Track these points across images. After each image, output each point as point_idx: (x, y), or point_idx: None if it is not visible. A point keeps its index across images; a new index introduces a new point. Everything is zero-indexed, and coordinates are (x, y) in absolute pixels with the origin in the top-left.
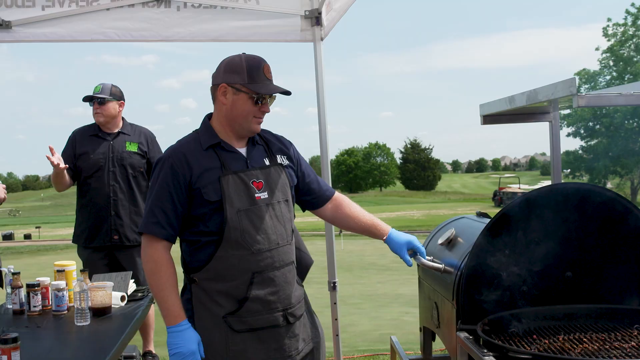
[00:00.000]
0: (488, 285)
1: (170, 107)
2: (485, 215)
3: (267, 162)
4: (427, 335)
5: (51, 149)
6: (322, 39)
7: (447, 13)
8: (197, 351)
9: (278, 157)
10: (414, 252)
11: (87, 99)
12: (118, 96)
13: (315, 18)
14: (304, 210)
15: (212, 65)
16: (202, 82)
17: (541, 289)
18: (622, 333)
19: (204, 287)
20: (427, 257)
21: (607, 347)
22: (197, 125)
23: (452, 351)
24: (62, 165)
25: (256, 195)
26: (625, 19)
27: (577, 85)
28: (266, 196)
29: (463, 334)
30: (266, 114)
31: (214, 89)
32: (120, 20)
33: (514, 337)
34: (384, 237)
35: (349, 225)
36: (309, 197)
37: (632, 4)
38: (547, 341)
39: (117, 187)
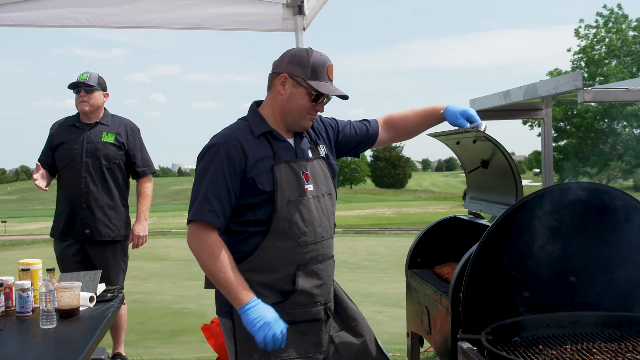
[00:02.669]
0: (489, 291)
1: (139, 101)
2: (478, 215)
3: (310, 155)
4: (415, 341)
5: (37, 166)
6: (304, 29)
7: (420, 12)
8: (279, 318)
9: (319, 148)
10: (469, 120)
11: (73, 86)
12: (104, 86)
13: (297, 7)
14: (366, 150)
15: (183, 60)
16: (173, 76)
17: (544, 295)
18: (633, 343)
19: (246, 278)
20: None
21: (620, 359)
22: (167, 120)
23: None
24: (44, 187)
25: (305, 186)
26: (597, 21)
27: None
28: (312, 188)
29: (466, 345)
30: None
31: (274, 76)
32: (91, 4)
33: (519, 347)
34: (442, 111)
35: (409, 125)
36: (365, 141)
37: (604, 6)
38: (554, 352)
39: (89, 179)
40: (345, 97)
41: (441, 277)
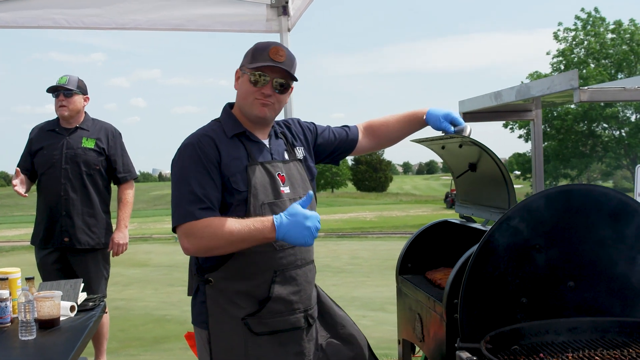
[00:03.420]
0: (486, 298)
1: (118, 106)
2: (470, 219)
3: (287, 157)
4: (407, 348)
5: (17, 172)
6: (289, 30)
7: (400, 16)
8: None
9: (296, 150)
10: (453, 123)
11: (52, 89)
12: (84, 90)
13: (282, 7)
14: (345, 157)
15: (163, 64)
16: (153, 80)
17: (542, 301)
18: (636, 350)
19: (220, 287)
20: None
21: None
22: (148, 125)
23: None
24: (24, 193)
25: (281, 188)
26: (576, 24)
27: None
28: (288, 191)
29: (465, 355)
30: (284, 103)
31: None
32: (70, 5)
33: (519, 356)
34: (424, 116)
35: (390, 131)
36: (343, 147)
37: (582, 9)
38: None
39: (68, 186)
40: (293, 78)
41: (433, 283)
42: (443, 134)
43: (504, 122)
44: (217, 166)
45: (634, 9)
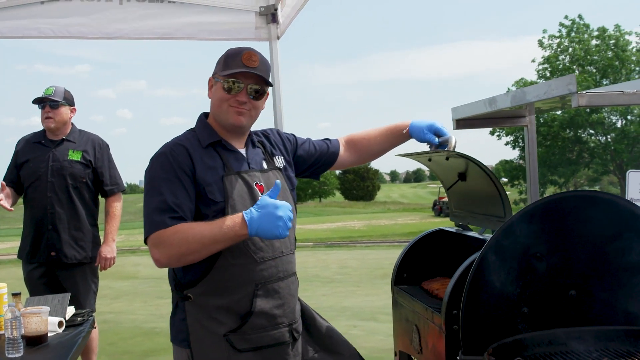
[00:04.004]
0: (487, 308)
1: (105, 117)
2: (465, 227)
3: (265, 166)
4: None
5: (2, 185)
6: (278, 38)
7: (384, 25)
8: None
9: (275, 159)
10: (437, 134)
11: (37, 101)
12: (70, 101)
13: (271, 15)
14: (325, 171)
15: (149, 75)
16: (139, 92)
17: (543, 310)
18: None
19: (200, 303)
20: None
21: None
22: (134, 137)
23: None
24: (9, 207)
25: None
26: (560, 31)
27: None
28: None
29: None
30: (260, 110)
31: None
32: (55, 15)
33: None
34: (407, 129)
35: (372, 145)
36: (324, 159)
37: (566, 17)
38: None
39: (54, 199)
40: (268, 83)
41: (430, 294)
42: (429, 146)
43: (490, 129)
44: (191, 176)
45: (617, 15)
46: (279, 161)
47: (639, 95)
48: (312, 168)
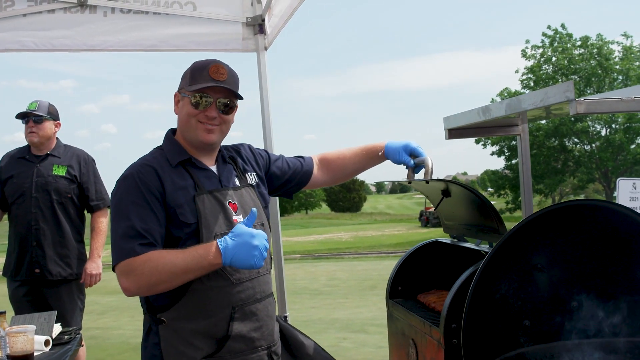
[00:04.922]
0: (488, 321)
1: (90, 132)
2: (461, 238)
3: (237, 183)
4: None
5: None
6: (265, 49)
7: (368, 36)
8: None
9: (247, 175)
10: (413, 154)
11: (21, 115)
12: (55, 115)
13: (258, 25)
14: (299, 191)
15: (133, 90)
16: (123, 106)
17: (544, 323)
18: None
19: (175, 327)
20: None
21: None
22: (119, 151)
23: None
24: None
25: (233, 217)
26: (543, 41)
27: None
28: (241, 219)
29: None
30: (231, 124)
31: None
32: (38, 27)
33: None
34: (382, 151)
35: (346, 165)
36: (297, 178)
37: (548, 26)
38: None
39: (39, 215)
40: (237, 96)
41: (427, 307)
42: (405, 167)
43: (475, 138)
44: (160, 198)
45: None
46: (252, 177)
47: (638, 101)
48: (286, 187)
